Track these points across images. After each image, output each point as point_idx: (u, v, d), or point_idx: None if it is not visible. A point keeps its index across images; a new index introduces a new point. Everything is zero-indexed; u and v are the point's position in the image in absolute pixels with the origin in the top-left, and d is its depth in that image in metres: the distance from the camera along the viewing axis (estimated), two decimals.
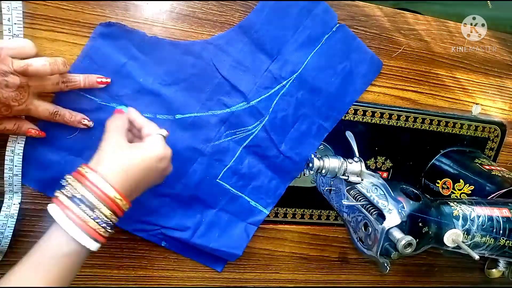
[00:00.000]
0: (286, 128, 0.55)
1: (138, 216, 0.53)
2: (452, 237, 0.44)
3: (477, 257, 0.42)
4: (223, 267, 0.60)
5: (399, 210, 0.43)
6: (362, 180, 0.49)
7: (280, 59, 0.52)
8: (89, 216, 0.36)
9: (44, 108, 0.44)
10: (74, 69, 0.46)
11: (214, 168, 0.54)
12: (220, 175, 0.54)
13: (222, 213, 0.56)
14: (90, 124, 0.48)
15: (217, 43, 0.50)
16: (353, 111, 0.57)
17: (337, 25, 0.53)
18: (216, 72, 0.50)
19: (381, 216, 0.43)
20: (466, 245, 0.44)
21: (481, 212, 0.47)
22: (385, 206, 0.43)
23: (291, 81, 0.53)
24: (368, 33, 0.55)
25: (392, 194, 0.45)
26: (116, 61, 0.47)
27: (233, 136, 0.53)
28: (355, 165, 0.49)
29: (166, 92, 0.49)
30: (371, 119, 0.58)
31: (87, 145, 0.48)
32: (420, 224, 0.43)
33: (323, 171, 0.50)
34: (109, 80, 0.47)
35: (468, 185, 0.57)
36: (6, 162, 0.46)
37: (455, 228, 0.45)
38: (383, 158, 0.61)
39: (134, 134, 0.47)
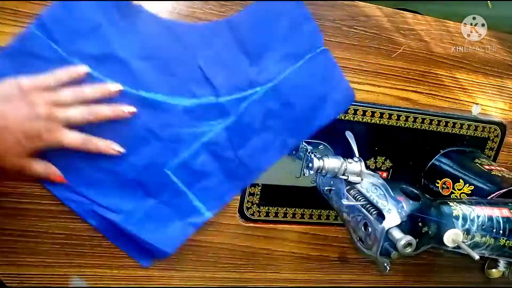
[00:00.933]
0: (250, 134, 0.53)
1: (73, 185, 0.50)
2: (452, 237, 0.44)
3: (477, 257, 0.42)
4: (150, 263, 0.57)
5: (399, 210, 0.43)
6: (362, 180, 0.49)
7: (259, 64, 0.51)
8: None
9: (74, 136, 0.44)
10: (46, 13, 0.44)
11: (166, 157, 0.51)
12: (171, 165, 0.52)
13: (163, 206, 0.53)
14: (122, 150, 0.48)
15: (202, 32, 0.49)
16: (353, 111, 0.57)
17: (322, 48, 0.53)
18: (193, 59, 0.49)
19: (381, 216, 0.43)
20: (466, 245, 0.44)
21: (481, 212, 0.47)
22: (385, 206, 0.43)
23: (265, 89, 0.52)
24: (368, 33, 0.55)
25: (392, 194, 0.45)
26: (94, 19, 0.45)
27: (194, 129, 0.52)
28: (355, 165, 0.49)
29: (137, 64, 0.47)
30: (371, 119, 0.58)
31: None
32: (420, 224, 0.43)
33: (323, 171, 0.50)
34: (134, 110, 0.47)
35: (468, 185, 0.57)
36: None
37: (455, 228, 0.45)
38: (383, 158, 0.61)
39: None
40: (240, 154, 0.54)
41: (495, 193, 0.53)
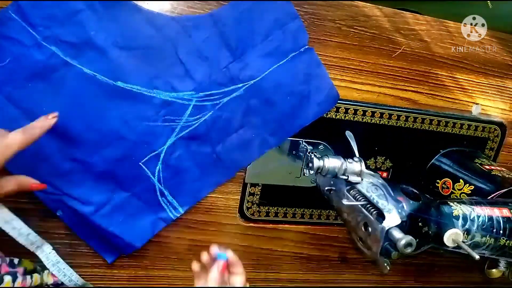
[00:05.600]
0: (229, 130, 0.53)
1: (42, 174, 0.47)
2: (452, 237, 0.44)
3: (477, 257, 0.42)
4: (115, 259, 0.55)
5: (399, 210, 0.43)
6: (362, 180, 0.49)
7: (242, 60, 0.51)
8: None
9: (15, 135, 0.40)
10: None
11: (141, 150, 0.50)
12: (145, 159, 0.51)
13: (134, 199, 0.52)
14: (56, 114, 0.43)
15: (184, 24, 0.48)
16: (353, 111, 0.57)
17: (306, 46, 0.53)
18: (174, 52, 0.49)
19: (381, 216, 0.43)
20: (466, 245, 0.44)
21: (481, 212, 0.46)
22: (385, 206, 0.43)
23: (247, 86, 0.52)
24: (368, 33, 0.55)
25: (392, 194, 0.45)
26: (73, 5, 0.44)
27: (171, 123, 0.51)
28: (355, 165, 0.49)
29: (115, 54, 0.47)
30: (371, 119, 0.58)
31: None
32: (420, 224, 0.43)
33: (323, 171, 0.50)
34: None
35: (468, 185, 0.57)
36: (11, 232, 0.46)
37: (455, 228, 0.45)
38: (383, 158, 0.61)
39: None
40: (218, 150, 0.53)
41: (495, 193, 0.53)
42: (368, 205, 0.46)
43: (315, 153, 0.56)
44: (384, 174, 0.62)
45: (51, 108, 0.46)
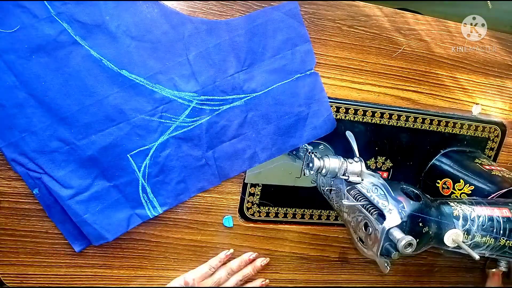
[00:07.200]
0: (223, 138, 0.53)
1: (26, 148, 0.48)
2: (452, 237, 0.44)
3: (477, 257, 0.42)
4: (83, 249, 0.54)
5: (400, 210, 0.43)
6: (362, 180, 0.49)
7: (248, 72, 0.52)
8: None
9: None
10: None
11: (132, 142, 0.50)
12: (134, 151, 0.51)
13: (114, 190, 0.52)
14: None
15: (198, 26, 0.49)
16: (353, 111, 0.57)
17: (312, 70, 0.54)
18: (184, 51, 0.49)
19: (381, 216, 0.43)
20: (466, 245, 0.44)
21: (481, 212, 0.46)
22: (386, 206, 0.43)
23: (248, 98, 0.52)
24: (368, 33, 0.55)
25: (392, 194, 0.45)
26: None
27: (167, 121, 0.51)
28: (355, 165, 0.49)
29: (126, 42, 0.47)
30: (371, 119, 0.58)
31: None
32: (420, 224, 0.43)
33: (323, 171, 0.50)
34: (266, 261, 0.61)
35: (468, 185, 0.57)
36: None
37: (455, 228, 0.45)
38: (383, 158, 0.61)
39: None
40: (208, 156, 0.53)
41: (495, 193, 0.53)
42: (368, 205, 0.46)
43: (315, 153, 0.56)
44: (384, 174, 0.62)
45: (50, 83, 0.46)
